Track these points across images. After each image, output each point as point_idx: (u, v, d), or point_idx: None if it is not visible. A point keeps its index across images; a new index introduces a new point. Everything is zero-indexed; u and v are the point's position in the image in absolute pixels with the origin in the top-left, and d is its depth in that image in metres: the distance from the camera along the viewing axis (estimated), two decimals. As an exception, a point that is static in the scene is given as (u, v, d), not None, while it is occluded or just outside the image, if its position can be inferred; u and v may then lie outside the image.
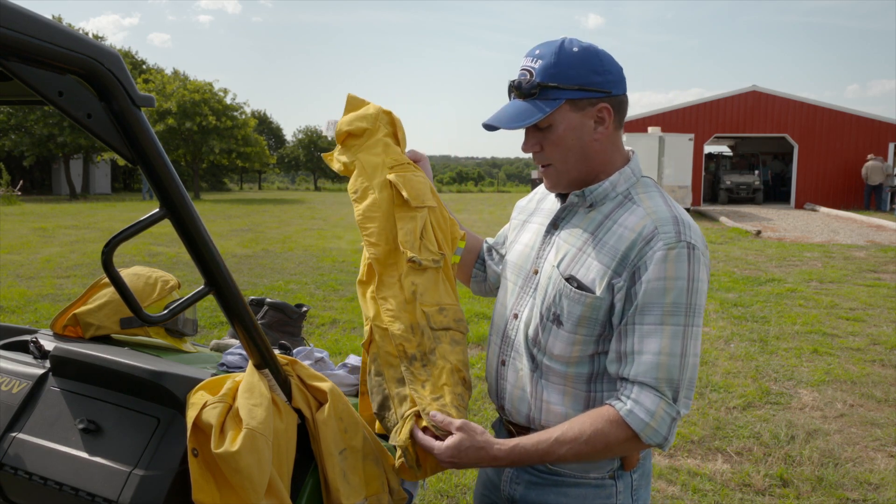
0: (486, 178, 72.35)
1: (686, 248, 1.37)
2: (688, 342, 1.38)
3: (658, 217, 1.40)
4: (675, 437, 1.41)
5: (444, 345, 1.57)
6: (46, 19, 0.98)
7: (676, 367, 1.37)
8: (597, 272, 1.41)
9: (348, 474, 1.51)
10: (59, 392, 1.60)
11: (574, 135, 1.43)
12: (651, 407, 1.35)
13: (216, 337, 5.69)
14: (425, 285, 1.59)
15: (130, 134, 1.13)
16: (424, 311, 1.57)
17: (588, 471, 1.52)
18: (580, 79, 1.39)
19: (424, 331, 1.56)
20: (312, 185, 55.73)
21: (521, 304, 1.56)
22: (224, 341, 2.22)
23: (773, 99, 25.98)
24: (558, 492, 1.54)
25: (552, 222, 1.55)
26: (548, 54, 1.40)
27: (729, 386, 5.21)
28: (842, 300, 8.31)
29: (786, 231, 16.49)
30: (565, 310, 1.45)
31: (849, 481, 3.73)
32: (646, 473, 1.59)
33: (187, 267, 9.65)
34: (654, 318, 1.37)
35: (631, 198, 1.46)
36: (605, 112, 1.42)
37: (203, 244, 1.27)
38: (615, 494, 1.52)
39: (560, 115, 1.41)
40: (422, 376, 1.53)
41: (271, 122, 63.53)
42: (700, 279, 1.39)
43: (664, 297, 1.36)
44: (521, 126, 1.41)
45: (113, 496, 1.39)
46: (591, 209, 1.49)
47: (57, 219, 17.38)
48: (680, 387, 1.38)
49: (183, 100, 30.22)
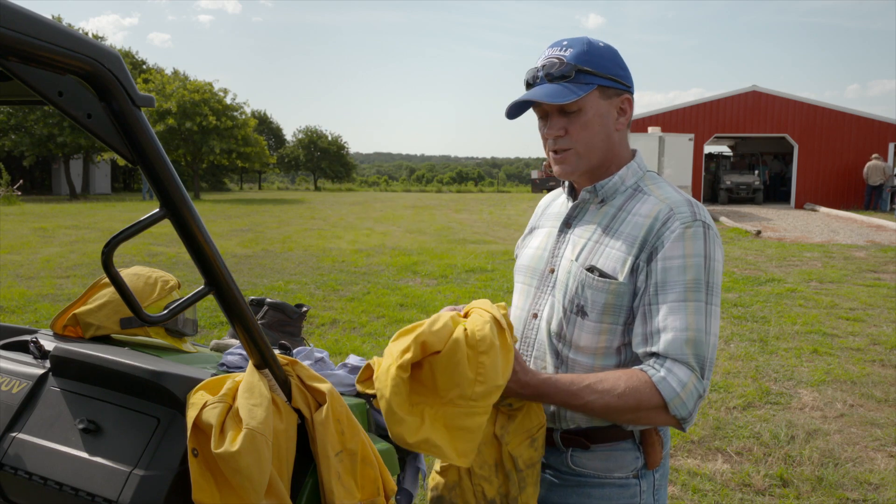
0: (486, 178, 72.42)
1: (702, 227, 1.41)
2: (710, 320, 1.40)
3: (672, 201, 1.45)
4: (696, 415, 1.41)
5: (529, 487, 1.47)
6: (46, 19, 0.98)
7: (703, 343, 1.38)
8: (617, 260, 1.44)
9: (343, 476, 1.51)
10: (59, 392, 1.60)
11: (601, 121, 1.48)
12: (684, 378, 1.37)
13: (216, 337, 5.69)
14: (517, 422, 1.46)
15: (130, 134, 1.13)
16: (512, 455, 1.45)
17: (612, 470, 1.51)
18: (609, 69, 1.46)
19: (509, 474, 1.46)
20: (312, 185, 55.73)
21: (540, 303, 1.56)
22: (224, 341, 2.22)
23: (774, 99, 25.98)
24: (581, 493, 1.52)
25: (564, 222, 1.58)
26: (579, 44, 1.47)
27: (729, 386, 5.21)
28: (842, 300, 8.31)
29: (786, 231, 16.49)
30: (589, 300, 1.46)
31: (849, 481, 3.73)
32: (665, 473, 1.59)
33: (187, 267, 9.65)
34: (677, 294, 1.39)
35: (641, 189, 1.51)
36: (626, 104, 1.50)
37: (203, 244, 1.27)
38: (639, 494, 1.51)
39: (591, 100, 1.46)
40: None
41: (271, 122, 63.50)
42: (716, 258, 1.42)
43: (684, 274, 1.39)
44: (560, 101, 1.43)
45: (113, 496, 1.39)
46: (603, 204, 1.53)
47: (57, 219, 17.38)
48: (706, 364, 1.39)
49: (183, 100, 30.21)
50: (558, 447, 1.54)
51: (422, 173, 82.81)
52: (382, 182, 62.23)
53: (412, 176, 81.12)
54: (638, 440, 1.52)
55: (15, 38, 0.94)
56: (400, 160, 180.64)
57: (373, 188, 53.64)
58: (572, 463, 1.52)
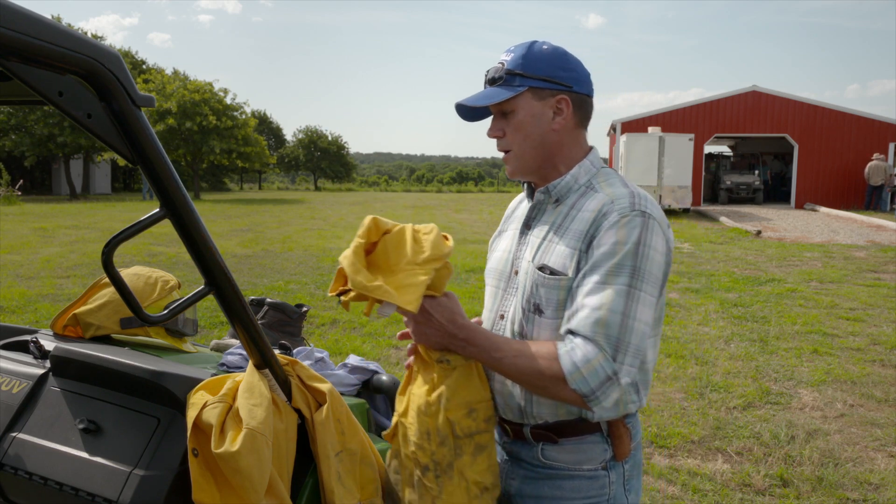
0: (486, 178, 72.39)
1: (640, 217, 1.44)
2: (632, 304, 1.40)
3: (616, 195, 1.49)
4: (611, 401, 1.40)
5: (466, 457, 1.50)
6: (46, 19, 0.98)
7: (617, 324, 1.39)
8: (566, 256, 1.49)
9: (343, 477, 1.51)
10: (60, 392, 1.60)
11: (534, 122, 1.53)
12: (589, 355, 1.38)
13: (216, 337, 5.69)
14: (454, 387, 1.50)
15: (130, 134, 1.13)
16: (449, 420, 1.49)
17: (581, 462, 1.55)
18: (544, 71, 1.52)
19: (445, 440, 1.49)
20: (312, 185, 55.74)
21: (506, 305, 1.61)
22: (224, 341, 2.22)
23: (774, 99, 25.97)
24: (552, 485, 1.56)
25: (524, 223, 1.63)
26: (519, 49, 1.54)
27: (729, 386, 5.21)
28: (842, 300, 8.31)
29: (786, 231, 16.49)
30: (543, 297, 1.51)
31: (849, 481, 3.73)
32: (637, 464, 1.62)
33: (187, 267, 9.65)
34: (600, 276, 1.42)
35: (592, 186, 1.55)
36: (563, 103, 1.53)
37: (203, 244, 1.27)
38: (608, 485, 1.55)
39: (523, 101, 1.52)
40: (433, 490, 1.48)
41: (271, 122, 63.48)
42: (651, 245, 1.44)
43: (611, 259, 1.42)
44: (484, 103, 1.52)
45: (113, 496, 1.39)
46: (559, 204, 1.57)
47: (57, 219, 17.38)
48: (620, 346, 1.39)
49: (183, 100, 30.21)
50: (529, 442, 1.59)
51: (422, 173, 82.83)
52: (382, 182, 62.26)
53: (412, 176, 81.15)
54: (606, 433, 1.55)
55: (15, 38, 0.94)
56: (400, 160, 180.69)
57: (373, 188, 53.65)
58: (543, 457, 1.57)
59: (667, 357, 5.91)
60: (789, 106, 25.88)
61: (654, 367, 1.61)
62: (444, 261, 1.46)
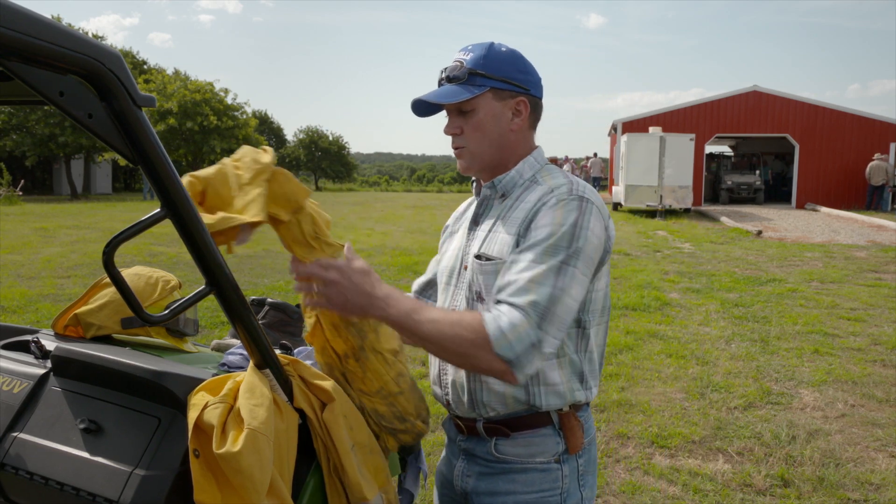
0: (487, 178, 72.19)
1: (577, 201, 1.47)
2: (563, 278, 1.42)
3: (555, 185, 1.53)
4: (533, 369, 1.39)
5: (370, 335, 1.57)
6: (47, 19, 0.98)
7: (546, 295, 1.39)
8: (505, 243, 1.52)
9: (362, 469, 1.53)
10: (60, 392, 1.60)
11: (493, 121, 1.56)
12: (515, 321, 1.37)
13: (217, 337, 5.69)
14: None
15: (131, 134, 1.13)
16: None
17: (534, 455, 1.56)
18: (505, 73, 1.55)
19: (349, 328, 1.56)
20: (313, 184, 55.76)
21: (456, 299, 1.63)
22: (225, 341, 2.22)
23: (774, 99, 25.97)
24: (507, 479, 1.58)
25: (472, 220, 1.66)
26: (479, 49, 1.56)
27: (730, 386, 5.20)
28: (843, 300, 8.30)
29: (787, 231, 16.49)
30: (482, 284, 1.54)
31: (850, 481, 3.73)
32: (592, 461, 1.64)
33: (188, 267, 9.66)
34: (533, 255, 1.43)
35: (536, 180, 1.59)
36: (522, 105, 1.57)
37: (204, 244, 1.27)
38: (561, 479, 1.57)
39: (484, 101, 1.55)
40: (358, 372, 1.57)
41: (272, 122, 63.49)
42: (587, 227, 1.46)
43: (547, 239, 1.44)
44: (449, 101, 1.53)
45: (114, 496, 1.39)
46: (505, 198, 1.61)
47: (58, 219, 17.39)
48: (546, 315, 1.38)
49: (184, 100, 30.23)
50: (483, 437, 1.61)
51: (423, 173, 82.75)
52: (383, 182, 62.23)
53: (413, 176, 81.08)
54: (558, 425, 1.57)
55: (16, 38, 0.94)
56: (401, 160, 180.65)
57: (374, 188, 53.61)
58: (496, 451, 1.59)
59: (667, 357, 5.91)
60: (790, 106, 25.87)
61: (602, 356, 1.64)
62: (269, 169, 1.44)
